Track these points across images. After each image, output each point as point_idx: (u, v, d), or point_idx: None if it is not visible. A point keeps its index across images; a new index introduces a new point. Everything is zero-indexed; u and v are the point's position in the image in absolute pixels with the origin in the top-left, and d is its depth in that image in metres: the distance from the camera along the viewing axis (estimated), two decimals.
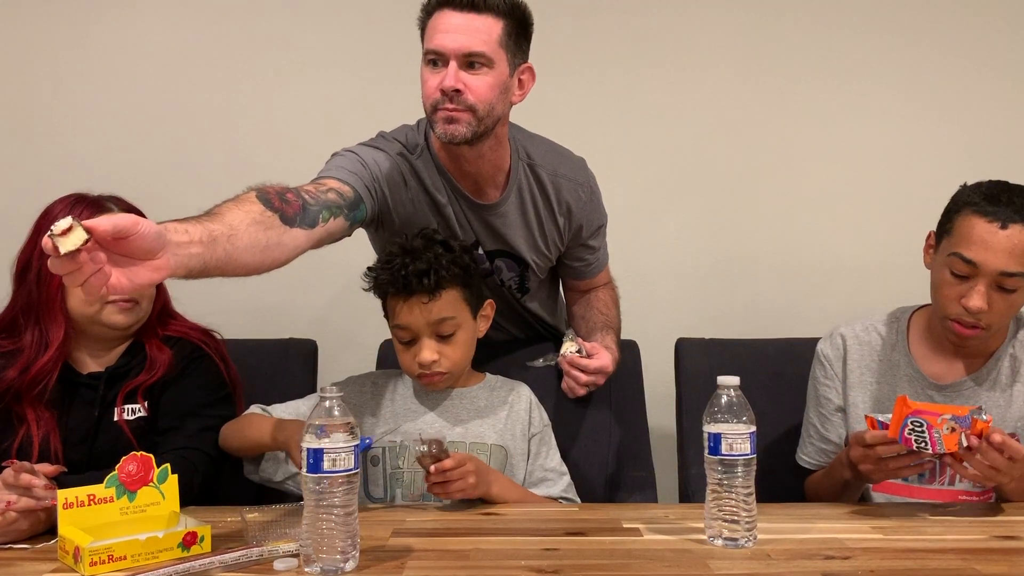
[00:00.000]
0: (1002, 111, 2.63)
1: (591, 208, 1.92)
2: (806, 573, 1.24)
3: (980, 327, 1.63)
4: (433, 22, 1.68)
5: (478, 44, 1.65)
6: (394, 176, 1.78)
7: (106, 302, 1.64)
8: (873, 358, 1.80)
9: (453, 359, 1.69)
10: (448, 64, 1.65)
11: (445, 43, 1.65)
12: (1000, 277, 1.59)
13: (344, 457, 1.24)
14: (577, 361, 1.81)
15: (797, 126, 2.64)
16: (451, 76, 1.64)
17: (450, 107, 1.66)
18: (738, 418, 1.36)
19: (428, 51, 1.68)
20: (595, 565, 1.28)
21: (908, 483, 1.73)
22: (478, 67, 1.66)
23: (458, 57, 1.65)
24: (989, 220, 1.59)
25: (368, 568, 1.26)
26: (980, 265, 1.59)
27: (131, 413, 1.67)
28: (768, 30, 2.63)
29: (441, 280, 1.65)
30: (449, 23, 1.65)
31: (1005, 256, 1.58)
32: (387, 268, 1.67)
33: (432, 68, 1.68)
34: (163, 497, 1.39)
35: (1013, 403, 1.70)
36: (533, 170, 1.86)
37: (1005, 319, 1.65)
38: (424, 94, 1.70)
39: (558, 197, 1.87)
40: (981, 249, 1.59)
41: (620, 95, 2.62)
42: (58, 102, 2.58)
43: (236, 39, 2.60)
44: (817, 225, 2.65)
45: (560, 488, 1.74)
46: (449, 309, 1.67)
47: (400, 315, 1.67)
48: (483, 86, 1.67)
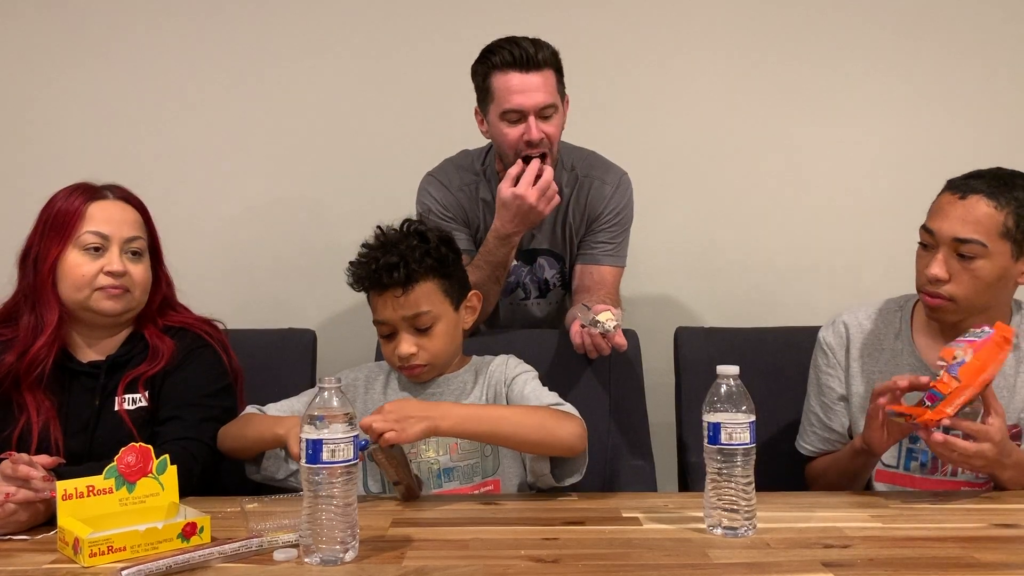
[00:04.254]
0: (1004, 103, 2.63)
1: (615, 200, 2.12)
2: (805, 562, 1.25)
3: (943, 297, 1.64)
4: (503, 82, 1.94)
5: (549, 98, 1.96)
6: (462, 207, 2.12)
7: (95, 288, 1.64)
8: (876, 345, 1.79)
9: (432, 351, 1.68)
10: (527, 118, 1.94)
11: (524, 103, 1.94)
12: (955, 244, 1.61)
13: (343, 448, 1.24)
14: (613, 339, 1.82)
15: (798, 116, 2.65)
16: (535, 129, 1.95)
17: (534, 153, 1.96)
18: (737, 407, 1.36)
19: (508, 111, 1.95)
20: (594, 554, 1.28)
21: (910, 473, 1.73)
22: (549, 116, 1.97)
23: (535, 111, 1.94)
24: (953, 192, 1.64)
25: (368, 558, 1.26)
26: (936, 233, 1.63)
27: (132, 403, 1.67)
28: (768, 22, 2.62)
29: (413, 273, 1.63)
30: (522, 83, 1.93)
31: (959, 223, 1.61)
32: (362, 262, 1.67)
33: (510, 124, 1.96)
34: (162, 488, 1.39)
35: (1016, 394, 1.69)
36: (572, 173, 2.13)
37: (971, 291, 1.62)
38: (507, 143, 1.98)
39: (588, 190, 2.12)
40: (939, 218, 1.63)
41: (620, 86, 2.62)
42: (60, 91, 2.58)
43: (236, 33, 2.60)
44: (817, 214, 2.65)
45: (547, 400, 1.65)
46: (424, 302, 1.65)
47: (377, 310, 1.67)
48: (555, 129, 1.99)
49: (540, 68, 1.94)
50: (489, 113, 2.00)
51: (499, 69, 1.94)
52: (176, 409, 1.67)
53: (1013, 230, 1.60)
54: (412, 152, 2.19)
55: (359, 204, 2.54)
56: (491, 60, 1.96)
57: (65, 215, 1.65)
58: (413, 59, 2.61)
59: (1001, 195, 1.60)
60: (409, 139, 2.56)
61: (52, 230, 1.65)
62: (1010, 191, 1.60)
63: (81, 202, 1.66)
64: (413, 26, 2.61)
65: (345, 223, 2.55)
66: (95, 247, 1.65)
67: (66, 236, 1.64)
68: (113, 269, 1.65)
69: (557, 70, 1.98)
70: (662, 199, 2.61)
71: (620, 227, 2.14)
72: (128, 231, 1.68)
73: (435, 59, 2.60)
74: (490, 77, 1.96)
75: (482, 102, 2.03)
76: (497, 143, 2.03)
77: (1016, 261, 1.63)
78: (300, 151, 2.63)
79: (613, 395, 1.99)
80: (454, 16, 2.60)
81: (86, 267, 1.64)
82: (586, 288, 2.11)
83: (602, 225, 2.13)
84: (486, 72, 1.97)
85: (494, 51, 1.96)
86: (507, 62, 1.93)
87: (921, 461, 1.72)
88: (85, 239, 1.65)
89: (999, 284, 1.64)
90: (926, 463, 1.71)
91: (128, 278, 1.67)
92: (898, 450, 1.73)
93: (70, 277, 1.64)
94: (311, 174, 2.63)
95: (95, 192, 1.69)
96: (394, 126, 2.61)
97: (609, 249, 2.14)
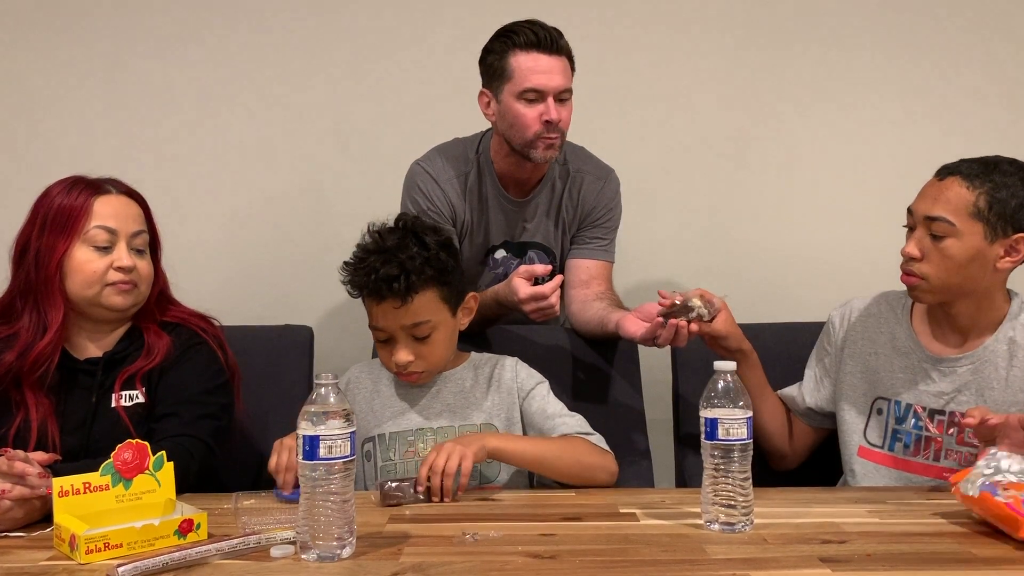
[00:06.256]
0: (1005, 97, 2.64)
1: (607, 196, 2.14)
2: (803, 557, 1.25)
3: (915, 275, 1.68)
4: (525, 61, 1.95)
5: (568, 81, 1.98)
6: (448, 201, 2.09)
7: (105, 284, 1.64)
8: (875, 328, 1.82)
9: (430, 360, 1.68)
10: (546, 100, 1.94)
11: (547, 83, 1.95)
12: (927, 222, 1.66)
13: (340, 444, 1.24)
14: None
15: (797, 113, 2.65)
16: (554, 110, 1.95)
17: (552, 136, 1.97)
18: (735, 403, 1.36)
19: (529, 90, 1.94)
20: (592, 550, 1.28)
21: (893, 454, 1.76)
22: (565, 100, 1.98)
23: (555, 93, 1.95)
24: (937, 175, 1.69)
25: (365, 554, 1.26)
26: (914, 212, 1.69)
27: (129, 399, 1.67)
28: (770, 15, 2.62)
29: (413, 284, 1.61)
30: (544, 64, 1.94)
31: (931, 201, 1.66)
32: (360, 268, 1.64)
33: (528, 104, 1.95)
34: (159, 484, 1.38)
35: (1009, 387, 1.70)
36: (564, 166, 2.14)
37: (942, 271, 1.65)
38: (523, 124, 1.97)
39: (580, 185, 2.13)
40: (919, 199, 1.70)
41: (618, 82, 2.61)
42: (56, 84, 2.58)
43: (232, 30, 2.59)
44: (815, 210, 2.65)
45: (574, 425, 1.70)
46: (424, 312, 1.63)
47: (374, 317, 1.66)
48: (569, 114, 2.00)
49: (560, 53, 1.96)
50: (503, 93, 1.98)
51: (521, 48, 1.94)
52: (173, 406, 1.66)
53: (985, 211, 1.62)
54: (409, 148, 2.18)
55: (356, 200, 2.54)
56: (512, 39, 1.95)
57: (69, 210, 1.64)
58: (411, 56, 2.61)
59: (977, 177, 1.63)
60: (406, 135, 2.54)
61: (54, 226, 1.64)
62: (988, 174, 1.63)
63: (85, 197, 1.65)
64: (411, 24, 2.60)
65: (342, 219, 2.55)
66: (105, 243, 1.64)
67: (71, 232, 1.63)
68: (123, 264, 1.64)
69: (571, 61, 2.00)
70: (660, 195, 2.61)
71: (613, 223, 2.16)
72: (133, 226, 1.68)
73: (434, 57, 2.59)
74: (509, 56, 1.96)
75: (494, 82, 2.00)
76: (509, 123, 1.99)
77: (991, 243, 1.63)
78: (297, 147, 2.62)
79: (610, 391, 1.99)
80: (454, 15, 2.59)
81: (96, 263, 1.64)
82: (583, 283, 2.11)
83: (595, 220, 2.14)
84: (505, 51, 1.96)
85: (516, 31, 1.96)
86: (531, 42, 1.94)
87: (905, 443, 1.75)
88: (94, 235, 1.64)
89: (972, 265, 1.64)
90: (909, 445, 1.74)
91: (136, 273, 1.66)
92: (883, 430, 1.77)
93: (80, 273, 1.63)
94: (308, 170, 2.63)
95: (97, 187, 1.68)
96: (391, 122, 2.60)
97: (603, 244, 2.14)
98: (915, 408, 1.73)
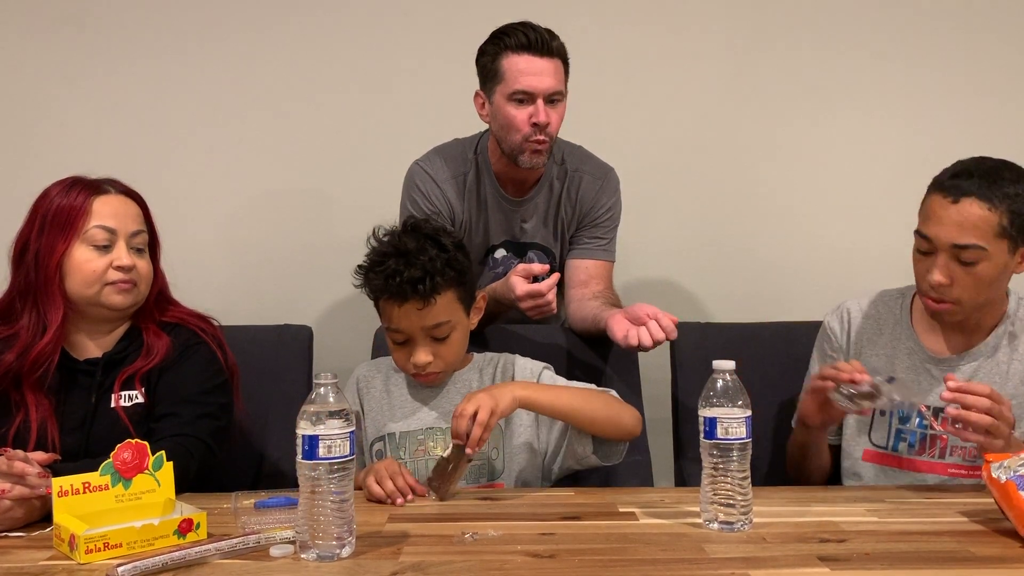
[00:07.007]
0: (1003, 97, 2.64)
1: (605, 195, 2.13)
2: (801, 556, 1.25)
3: (947, 301, 1.65)
4: (515, 63, 1.95)
5: (559, 84, 1.97)
6: (447, 201, 2.09)
7: (105, 283, 1.64)
8: (877, 331, 1.81)
9: (447, 359, 1.69)
10: (535, 102, 1.94)
11: (536, 85, 1.94)
12: (955, 250, 1.61)
13: (339, 444, 1.24)
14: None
15: (794, 112, 2.65)
16: (543, 112, 1.94)
17: (540, 139, 1.96)
18: (734, 402, 1.36)
19: (518, 91, 1.94)
20: (591, 549, 1.29)
21: (898, 454, 1.75)
22: (556, 102, 1.97)
23: (544, 95, 1.93)
24: (944, 195, 1.62)
25: (364, 554, 1.26)
26: (934, 239, 1.62)
27: (128, 399, 1.67)
28: (770, 15, 2.62)
29: (437, 286, 1.61)
30: (535, 66, 1.94)
31: (956, 229, 1.60)
32: (380, 271, 1.63)
33: (518, 105, 1.95)
34: (158, 484, 1.39)
35: (1009, 381, 1.71)
36: (562, 166, 2.13)
37: (974, 293, 1.64)
38: (513, 127, 1.97)
39: (578, 184, 2.13)
40: (934, 224, 1.63)
41: (615, 81, 2.61)
42: (56, 84, 2.58)
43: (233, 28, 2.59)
44: (813, 209, 2.65)
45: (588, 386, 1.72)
46: (444, 313, 1.64)
47: (394, 319, 1.65)
48: (559, 118, 1.99)
49: (552, 55, 1.95)
50: (495, 94, 1.99)
51: (513, 50, 1.95)
52: (172, 406, 1.66)
53: (1008, 227, 1.60)
54: (409, 148, 2.18)
55: (356, 200, 2.54)
56: (504, 41, 1.96)
57: (68, 210, 1.64)
58: (411, 55, 2.61)
59: (993, 194, 1.59)
60: (406, 134, 2.54)
61: (54, 226, 1.64)
62: (1000, 188, 1.60)
63: (84, 197, 1.65)
64: (411, 23, 2.61)
65: (342, 219, 2.55)
66: (104, 243, 1.65)
67: (71, 232, 1.63)
68: (123, 263, 1.64)
69: (565, 63, 2.00)
70: (659, 195, 2.61)
71: (612, 223, 2.16)
72: (132, 225, 1.68)
73: (433, 55, 2.60)
74: (501, 58, 1.96)
75: (488, 83, 2.01)
76: (500, 125, 2.00)
77: (1013, 255, 1.64)
78: (297, 146, 2.62)
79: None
80: (454, 14, 2.60)
81: (96, 262, 1.64)
82: (581, 283, 2.11)
83: (595, 220, 2.14)
84: (497, 52, 1.97)
85: (508, 33, 1.96)
86: (522, 44, 1.94)
87: (909, 442, 1.75)
88: (93, 234, 1.64)
89: (1000, 279, 1.66)
90: (914, 444, 1.74)
91: (135, 272, 1.66)
92: (887, 431, 1.77)
93: (80, 273, 1.64)
94: (308, 169, 2.63)
95: (96, 187, 1.68)
96: (391, 121, 2.60)
97: (603, 244, 2.14)
98: (919, 407, 1.73)
